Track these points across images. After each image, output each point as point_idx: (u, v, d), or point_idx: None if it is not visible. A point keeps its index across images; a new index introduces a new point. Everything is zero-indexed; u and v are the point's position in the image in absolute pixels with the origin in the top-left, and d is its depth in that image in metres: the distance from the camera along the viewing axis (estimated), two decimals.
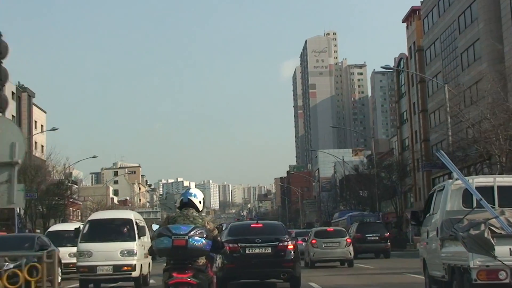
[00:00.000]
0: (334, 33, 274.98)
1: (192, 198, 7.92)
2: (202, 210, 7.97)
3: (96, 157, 67.44)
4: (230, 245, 15.63)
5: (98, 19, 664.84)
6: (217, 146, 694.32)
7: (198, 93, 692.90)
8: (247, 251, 15.99)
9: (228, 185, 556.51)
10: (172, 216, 7.83)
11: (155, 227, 8.06)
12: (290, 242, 16.35)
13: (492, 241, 9.41)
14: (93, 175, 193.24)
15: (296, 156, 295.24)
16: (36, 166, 54.67)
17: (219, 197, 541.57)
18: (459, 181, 11.17)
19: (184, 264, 7.28)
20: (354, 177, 70.50)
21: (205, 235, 7.26)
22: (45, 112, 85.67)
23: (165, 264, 7.62)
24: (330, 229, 31.46)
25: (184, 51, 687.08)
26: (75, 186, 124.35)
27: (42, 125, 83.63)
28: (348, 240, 29.32)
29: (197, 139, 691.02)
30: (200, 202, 7.97)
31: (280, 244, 16.07)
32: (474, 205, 10.69)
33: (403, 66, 73.57)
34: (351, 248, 29.00)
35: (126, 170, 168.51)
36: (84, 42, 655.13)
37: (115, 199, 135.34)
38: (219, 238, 7.90)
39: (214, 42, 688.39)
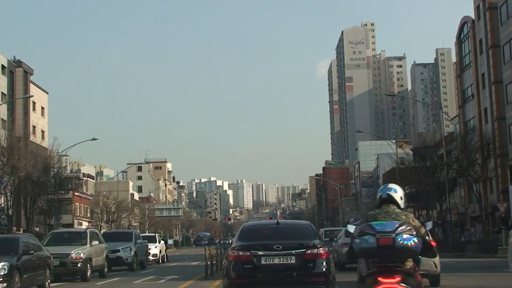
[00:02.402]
0: (372, 24, 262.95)
1: (392, 194, 6.96)
2: (403, 208, 6.94)
3: (96, 139, 56.07)
4: (240, 252, 12.50)
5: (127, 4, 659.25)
6: (250, 145, 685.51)
7: (231, 92, 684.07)
8: (262, 262, 12.44)
9: (262, 185, 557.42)
10: (371, 214, 6.86)
11: (351, 228, 6.90)
12: (321, 248, 12.51)
13: None
14: (124, 173, 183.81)
15: (331, 154, 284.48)
16: (9, 146, 43.18)
17: (253, 196, 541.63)
18: None
19: (391, 267, 6.28)
20: (410, 169, 58.02)
21: (414, 233, 6.30)
22: (46, 93, 74.74)
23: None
24: None
25: (217, 49, 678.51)
26: (91, 180, 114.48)
27: (42, 107, 72.72)
28: (433, 243, 17.25)
29: (231, 138, 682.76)
30: (401, 198, 6.98)
31: (308, 251, 12.44)
32: None
33: (467, 32, 61.03)
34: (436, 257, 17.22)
35: (151, 165, 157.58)
36: (115, 36, 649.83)
37: (136, 195, 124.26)
38: (427, 237, 6.90)
39: (248, 39, 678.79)
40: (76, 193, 76.42)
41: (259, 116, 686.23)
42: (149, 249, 34.76)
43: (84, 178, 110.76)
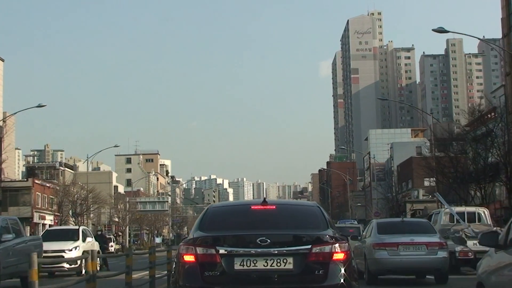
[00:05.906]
0: (379, 13, 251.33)
1: None
2: None
3: (43, 106, 44.88)
4: (199, 250, 7.19)
5: None
6: (251, 144, 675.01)
7: (232, 90, 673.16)
8: (237, 266, 7.13)
9: (263, 183, 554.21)
10: None
11: None
12: (338, 244, 7.25)
13: (465, 239, 20.60)
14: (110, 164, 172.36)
15: (335, 150, 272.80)
16: None
17: (253, 195, 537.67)
18: (447, 209, 24.33)
19: None
20: (441, 159, 45.66)
21: None
22: (2, 60, 62.34)
23: None
24: None
25: (219, 47, 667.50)
26: (69, 170, 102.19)
27: None
28: None
29: (232, 137, 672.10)
30: None
31: (316, 249, 7.17)
32: (455, 221, 22.96)
33: None
34: None
35: (141, 156, 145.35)
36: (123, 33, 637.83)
37: (121, 188, 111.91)
38: None
39: (251, 36, 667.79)
40: (36, 181, 63.99)
41: (260, 114, 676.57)
42: (63, 251, 22.05)
43: (61, 168, 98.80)
